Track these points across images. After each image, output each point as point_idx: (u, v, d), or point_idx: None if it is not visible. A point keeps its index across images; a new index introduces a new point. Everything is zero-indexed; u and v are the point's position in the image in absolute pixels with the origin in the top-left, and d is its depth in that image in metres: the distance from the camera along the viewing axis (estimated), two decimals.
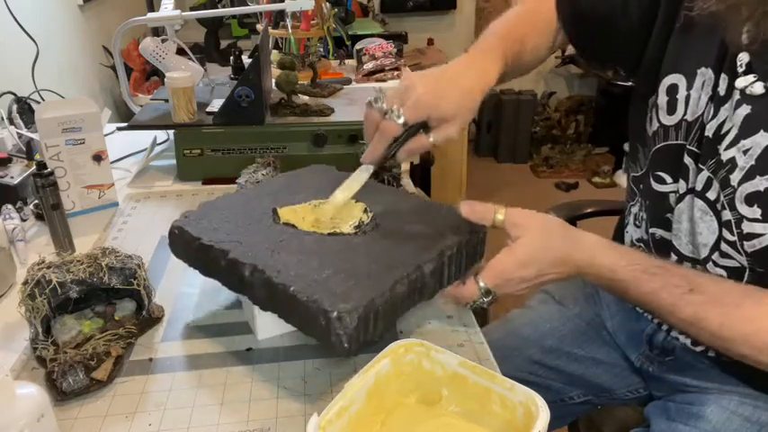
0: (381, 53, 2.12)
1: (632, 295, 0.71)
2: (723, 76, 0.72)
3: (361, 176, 0.78)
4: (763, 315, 0.66)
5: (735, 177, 0.69)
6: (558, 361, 1.00)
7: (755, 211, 0.68)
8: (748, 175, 0.68)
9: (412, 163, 1.40)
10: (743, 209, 0.69)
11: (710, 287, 0.69)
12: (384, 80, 2.06)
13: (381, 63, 2.09)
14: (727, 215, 0.71)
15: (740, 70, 0.69)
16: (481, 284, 0.71)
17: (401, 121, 0.72)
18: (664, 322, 0.72)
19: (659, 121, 0.80)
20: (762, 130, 0.67)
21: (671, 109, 0.78)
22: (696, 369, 0.85)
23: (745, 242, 0.70)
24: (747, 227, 0.69)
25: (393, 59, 2.11)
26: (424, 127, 0.75)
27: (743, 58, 0.69)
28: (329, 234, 0.77)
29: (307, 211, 0.83)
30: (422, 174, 2.42)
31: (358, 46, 2.21)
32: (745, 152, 0.68)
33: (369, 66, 2.08)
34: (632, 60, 0.84)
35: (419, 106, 0.72)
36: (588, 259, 0.71)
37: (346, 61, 2.26)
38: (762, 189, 0.67)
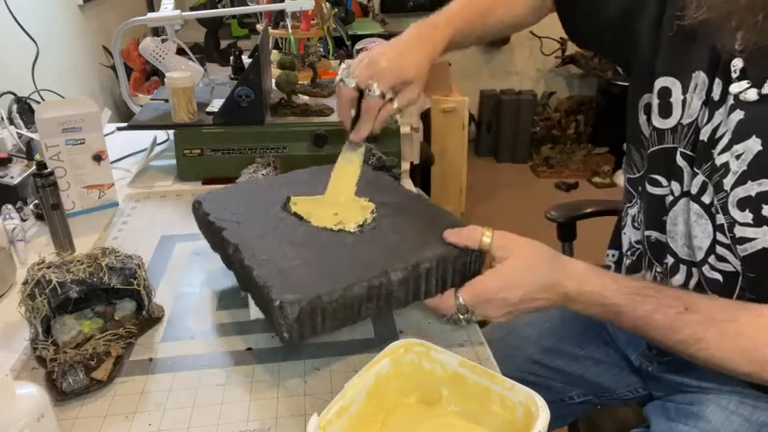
0: None
1: (625, 320, 0.70)
2: (717, 80, 0.72)
3: (357, 159, 0.87)
4: (760, 329, 0.66)
5: (728, 182, 0.69)
6: (559, 361, 1.00)
7: (747, 216, 0.68)
8: (740, 180, 0.68)
9: (412, 163, 1.40)
10: (735, 213, 0.69)
11: (704, 305, 0.68)
12: None
13: None
14: (720, 219, 0.71)
15: (734, 76, 0.70)
16: (459, 300, 0.71)
17: (377, 93, 0.81)
18: (660, 346, 0.72)
19: (652, 124, 0.80)
20: (754, 136, 0.67)
21: (664, 112, 0.78)
22: (695, 369, 0.84)
23: (738, 246, 0.70)
24: (740, 231, 0.69)
25: None
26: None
27: (737, 63, 0.70)
28: (326, 229, 0.79)
29: (319, 203, 0.85)
30: (422, 174, 2.43)
31: (358, 46, 2.21)
32: (737, 157, 0.68)
33: None
34: (613, 50, 0.88)
35: (388, 76, 0.81)
36: (577, 286, 0.70)
37: (346, 61, 2.26)
38: (753, 194, 0.67)
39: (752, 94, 0.67)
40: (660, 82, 0.78)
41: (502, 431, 0.62)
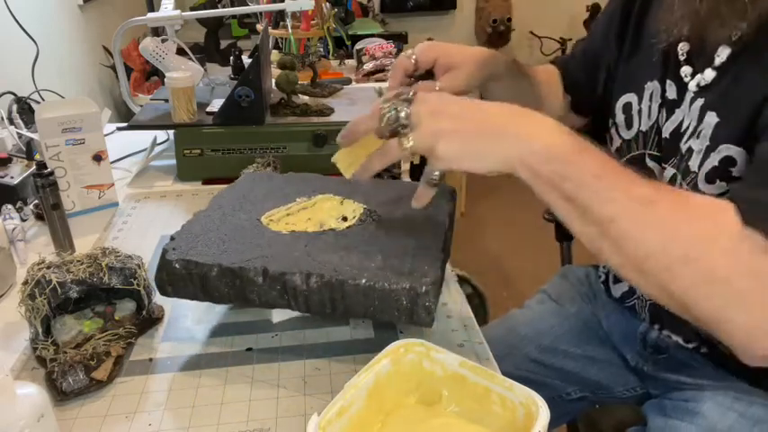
0: (381, 53, 2.13)
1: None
2: (669, 82, 0.78)
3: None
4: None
5: (693, 163, 0.73)
6: (555, 359, 1.01)
7: (722, 186, 0.70)
8: (705, 155, 0.72)
9: (412, 163, 1.40)
10: (705, 187, 0.72)
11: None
12: (384, 80, 2.06)
13: (381, 63, 2.09)
14: None
15: (682, 59, 0.76)
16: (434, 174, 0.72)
17: (414, 58, 0.83)
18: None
19: (620, 137, 0.87)
20: (709, 112, 0.71)
21: (628, 124, 0.86)
22: (690, 366, 0.86)
23: None
24: None
25: (393, 59, 2.11)
26: (433, 77, 0.84)
27: (683, 47, 0.75)
28: (342, 230, 0.79)
29: (286, 214, 0.83)
30: (422, 174, 2.42)
31: (358, 46, 2.21)
32: (698, 135, 0.73)
33: (369, 66, 2.08)
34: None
35: (430, 48, 0.83)
36: None
37: (346, 61, 2.26)
38: (717, 163, 0.70)
39: (694, 84, 0.73)
40: (623, 99, 0.86)
41: (502, 431, 0.62)
